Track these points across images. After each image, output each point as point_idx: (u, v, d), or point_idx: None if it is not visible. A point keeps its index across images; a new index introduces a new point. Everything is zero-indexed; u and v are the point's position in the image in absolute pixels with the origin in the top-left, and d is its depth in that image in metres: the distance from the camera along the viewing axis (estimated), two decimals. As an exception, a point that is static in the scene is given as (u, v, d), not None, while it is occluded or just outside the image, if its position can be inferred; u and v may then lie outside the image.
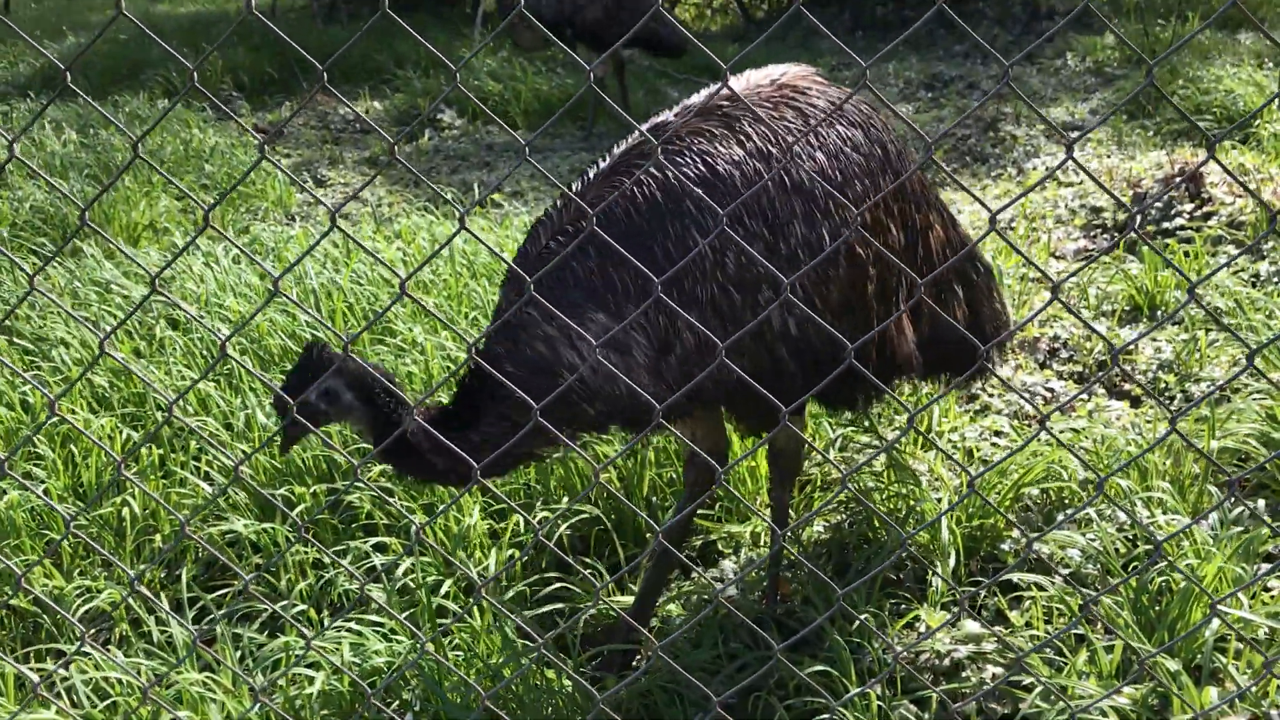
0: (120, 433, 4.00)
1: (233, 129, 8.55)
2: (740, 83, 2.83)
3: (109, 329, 4.36)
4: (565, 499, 3.66)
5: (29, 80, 10.91)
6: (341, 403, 2.56)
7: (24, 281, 5.31)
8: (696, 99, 2.80)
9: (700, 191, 2.56)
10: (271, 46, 10.79)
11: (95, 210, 6.57)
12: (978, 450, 3.95)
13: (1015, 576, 3.31)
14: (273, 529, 3.58)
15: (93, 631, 3.42)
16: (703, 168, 2.59)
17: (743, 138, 2.64)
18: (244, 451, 3.87)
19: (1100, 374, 4.18)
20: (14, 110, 9.33)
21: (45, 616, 3.41)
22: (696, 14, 13.39)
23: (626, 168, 2.67)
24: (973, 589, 3.35)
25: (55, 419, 4.00)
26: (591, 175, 2.71)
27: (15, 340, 4.65)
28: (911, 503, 3.56)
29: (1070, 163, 6.59)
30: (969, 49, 10.36)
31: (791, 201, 2.59)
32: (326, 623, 3.35)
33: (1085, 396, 4.37)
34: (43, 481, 3.82)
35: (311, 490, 3.70)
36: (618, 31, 8.51)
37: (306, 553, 3.57)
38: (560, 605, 3.32)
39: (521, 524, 3.53)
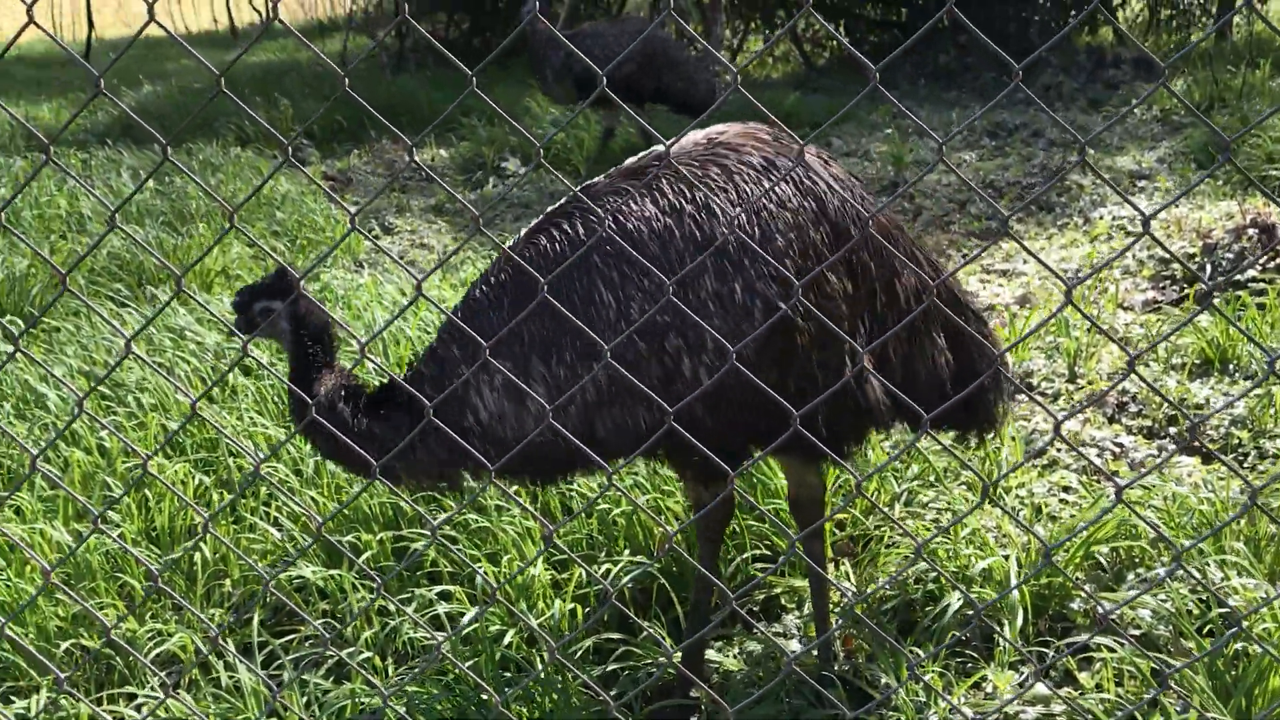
0: (193, 478, 4.08)
1: (303, 176, 8.74)
2: (677, 142, 2.89)
3: (199, 391, 4.45)
4: (627, 551, 3.67)
5: (108, 128, 11.22)
6: (276, 326, 2.85)
7: (101, 325, 5.45)
8: (630, 160, 2.90)
9: (608, 247, 2.66)
10: (342, 96, 11.01)
11: (171, 257, 6.75)
12: (1046, 507, 3.90)
13: (1085, 637, 3.25)
14: (339, 575, 3.63)
15: (164, 674, 3.47)
16: (613, 224, 2.69)
17: (657, 194, 2.73)
18: (313, 498, 3.93)
19: (1178, 444, 4.10)
20: (92, 158, 9.60)
21: (118, 658, 3.47)
22: (758, 61, 13.48)
23: (547, 225, 2.78)
24: (1041, 649, 3.30)
25: (132, 465, 4.09)
26: (523, 232, 2.84)
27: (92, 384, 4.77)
28: (979, 560, 3.51)
29: (1140, 207, 6.53)
30: (1031, 96, 10.31)
31: (665, 261, 2.66)
32: (392, 671, 3.38)
33: (1155, 453, 4.31)
34: (118, 525, 3.90)
35: (378, 537, 3.75)
36: (650, 85, 8.55)
37: (373, 600, 3.60)
38: (623, 665, 3.32)
39: (583, 576, 3.54)
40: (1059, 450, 4.37)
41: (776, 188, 2.76)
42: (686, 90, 8.57)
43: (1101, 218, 7.03)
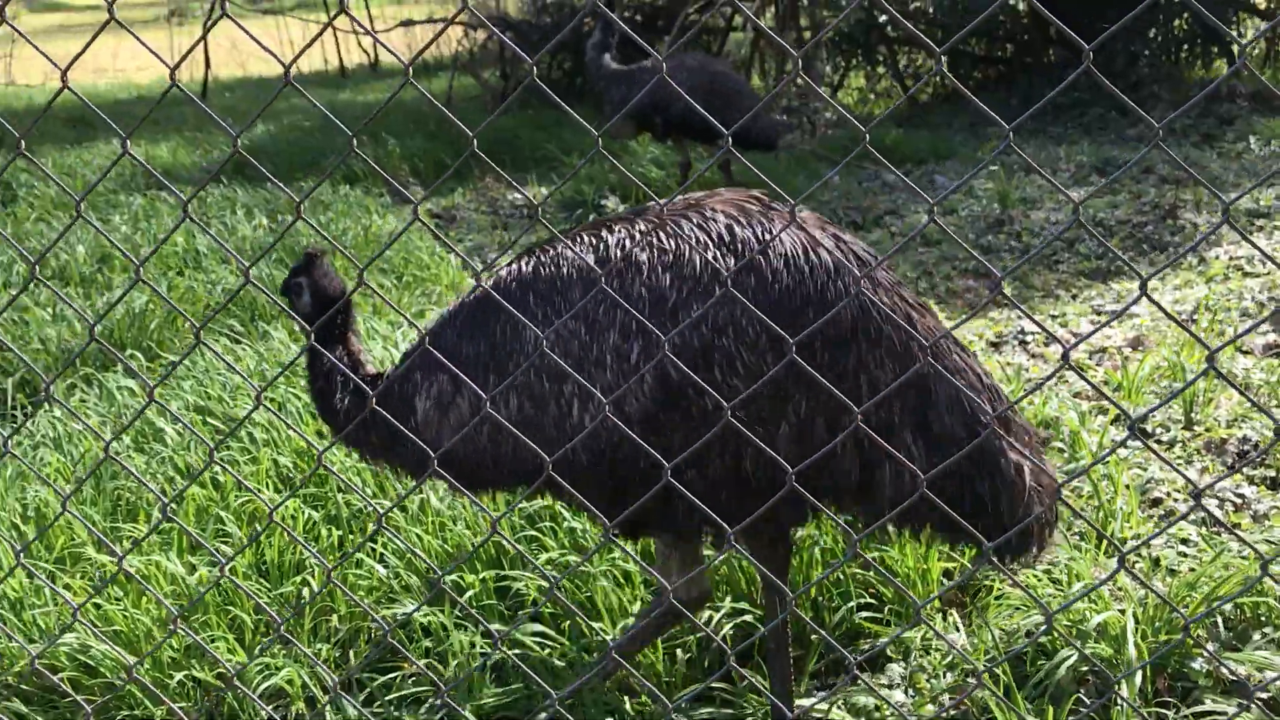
0: (303, 513, 4.15)
1: (409, 214, 8.93)
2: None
3: (311, 429, 4.54)
4: (728, 598, 3.63)
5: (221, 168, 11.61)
6: (300, 300, 3.21)
7: (215, 360, 5.60)
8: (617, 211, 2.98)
9: (542, 286, 2.85)
10: (446, 135, 11.24)
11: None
12: (1164, 560, 3.76)
13: (1209, 700, 3.13)
14: (443, 612, 3.65)
15: (272, 707, 3.53)
16: (551, 268, 2.87)
17: (601, 245, 2.85)
18: (417, 536, 3.98)
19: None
20: (208, 195, 9.92)
21: (227, 690, 3.54)
22: (859, 98, 13.41)
23: (512, 261, 3.01)
24: (1160, 710, 3.17)
25: (244, 500, 4.18)
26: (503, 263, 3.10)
27: (208, 420, 4.90)
28: (1094, 614, 3.40)
29: (1256, 248, 6.33)
30: (1143, 131, 10.09)
31: (614, 310, 2.74)
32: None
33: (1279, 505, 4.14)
34: (229, 559, 3.98)
35: (480, 576, 3.77)
36: (708, 122, 8.43)
37: (475, 638, 3.62)
38: (723, 710, 3.28)
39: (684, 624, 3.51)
40: (1176, 499, 4.23)
41: (717, 258, 2.75)
42: (747, 125, 8.49)
43: (1218, 257, 6.83)
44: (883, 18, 11.90)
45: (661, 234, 2.81)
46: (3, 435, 2.01)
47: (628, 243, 2.81)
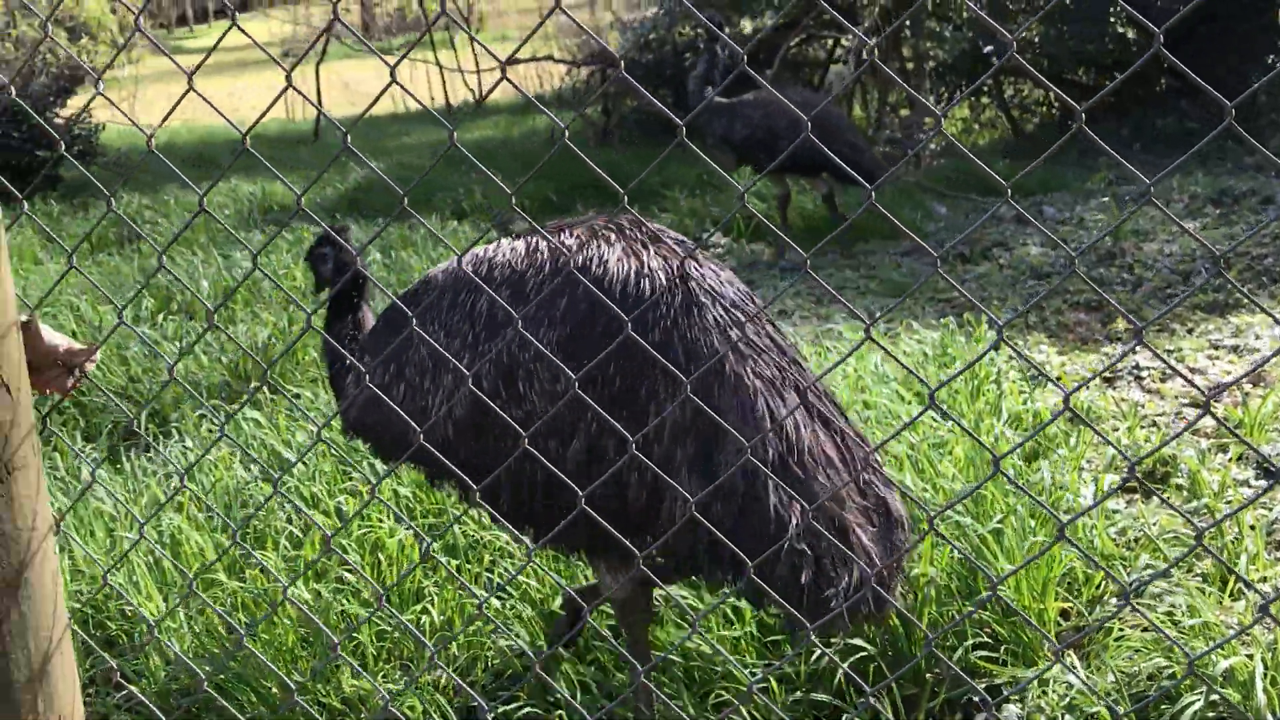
0: (421, 543, 4.26)
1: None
2: (599, 218, 3.24)
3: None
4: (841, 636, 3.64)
5: (334, 204, 11.96)
6: (325, 268, 3.70)
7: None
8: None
9: (432, 294, 3.19)
10: (551, 171, 11.44)
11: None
12: (1292, 604, 3.66)
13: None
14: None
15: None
16: (439, 278, 3.21)
17: (481, 260, 3.13)
18: (532, 568, 4.06)
19: None
20: (324, 230, 10.23)
21: (350, 715, 3.65)
22: (963, 128, 13.32)
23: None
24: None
25: (366, 530, 4.31)
26: None
27: (331, 451, 5.06)
28: (1220, 659, 3.33)
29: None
30: (1261, 161, 9.84)
31: (461, 322, 3.06)
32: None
33: None
34: (356, 589, 4.10)
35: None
36: (813, 157, 8.38)
37: (584, 671, 3.67)
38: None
39: (788, 652, 3.52)
40: (1304, 541, 4.11)
41: (544, 280, 2.96)
42: (854, 159, 8.41)
43: (1344, 291, 6.62)
44: (988, 48, 11.81)
45: (524, 253, 3.06)
46: (179, 472, 2.14)
47: (496, 259, 3.08)
